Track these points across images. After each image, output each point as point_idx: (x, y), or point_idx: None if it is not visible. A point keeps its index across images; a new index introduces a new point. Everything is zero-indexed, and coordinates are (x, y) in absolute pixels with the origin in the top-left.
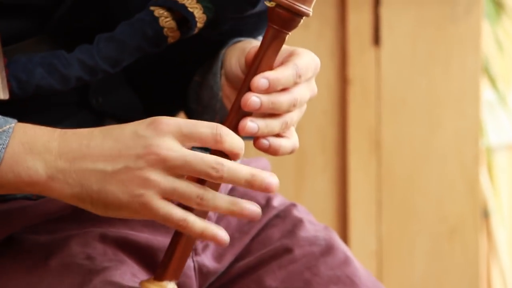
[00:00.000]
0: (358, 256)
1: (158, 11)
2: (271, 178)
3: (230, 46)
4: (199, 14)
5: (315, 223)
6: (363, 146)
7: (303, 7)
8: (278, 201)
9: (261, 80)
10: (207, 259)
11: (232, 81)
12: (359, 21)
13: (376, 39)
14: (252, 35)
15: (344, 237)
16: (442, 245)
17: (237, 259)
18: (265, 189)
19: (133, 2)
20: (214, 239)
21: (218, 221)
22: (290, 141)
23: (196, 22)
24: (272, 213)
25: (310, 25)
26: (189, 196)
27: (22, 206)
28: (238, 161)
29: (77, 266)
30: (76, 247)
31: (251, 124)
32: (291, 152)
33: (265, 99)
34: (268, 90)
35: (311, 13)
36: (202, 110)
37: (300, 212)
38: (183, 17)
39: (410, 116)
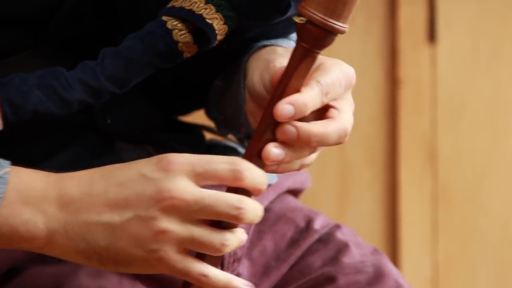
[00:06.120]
0: (410, 284)
1: (172, 23)
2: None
3: (253, 54)
4: (219, 26)
5: (362, 246)
6: (416, 159)
7: (337, 24)
8: (320, 223)
9: (285, 106)
10: None
11: (254, 97)
12: (411, 14)
13: (431, 35)
14: (281, 37)
15: (395, 262)
16: (509, 273)
17: None
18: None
19: (145, 6)
20: None
21: (252, 248)
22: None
23: (215, 34)
24: (313, 237)
25: (356, 20)
26: (211, 244)
27: None
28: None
29: None
30: (86, 279)
31: (276, 150)
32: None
33: (304, 128)
34: (295, 117)
35: (347, 30)
36: (224, 119)
37: (344, 234)
38: (200, 29)
39: (471, 123)
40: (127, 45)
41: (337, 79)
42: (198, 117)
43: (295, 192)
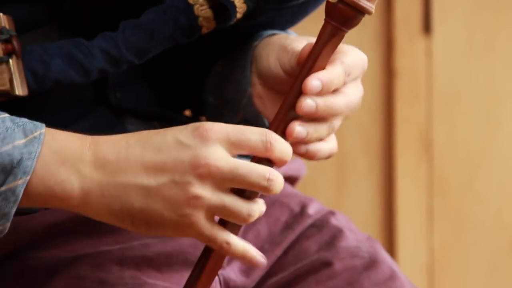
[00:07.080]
0: (406, 270)
1: None
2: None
3: (262, 40)
4: (239, 4)
5: (356, 232)
6: (412, 148)
7: (367, 4)
8: (314, 209)
9: (314, 82)
10: (233, 272)
11: (268, 80)
12: (407, 6)
13: (427, 27)
14: (285, 26)
15: (391, 249)
16: (502, 260)
17: (269, 274)
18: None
19: None
20: (252, 262)
21: (247, 231)
22: (328, 144)
23: (236, 12)
24: (307, 222)
25: None
26: (239, 213)
27: (28, 217)
28: None
29: None
30: (86, 269)
31: (299, 128)
32: (328, 157)
33: (321, 102)
34: (321, 93)
35: (373, 11)
36: (221, 104)
37: (339, 220)
38: (220, 6)
39: (466, 114)
40: (149, 17)
41: (356, 61)
42: None
43: (291, 180)
